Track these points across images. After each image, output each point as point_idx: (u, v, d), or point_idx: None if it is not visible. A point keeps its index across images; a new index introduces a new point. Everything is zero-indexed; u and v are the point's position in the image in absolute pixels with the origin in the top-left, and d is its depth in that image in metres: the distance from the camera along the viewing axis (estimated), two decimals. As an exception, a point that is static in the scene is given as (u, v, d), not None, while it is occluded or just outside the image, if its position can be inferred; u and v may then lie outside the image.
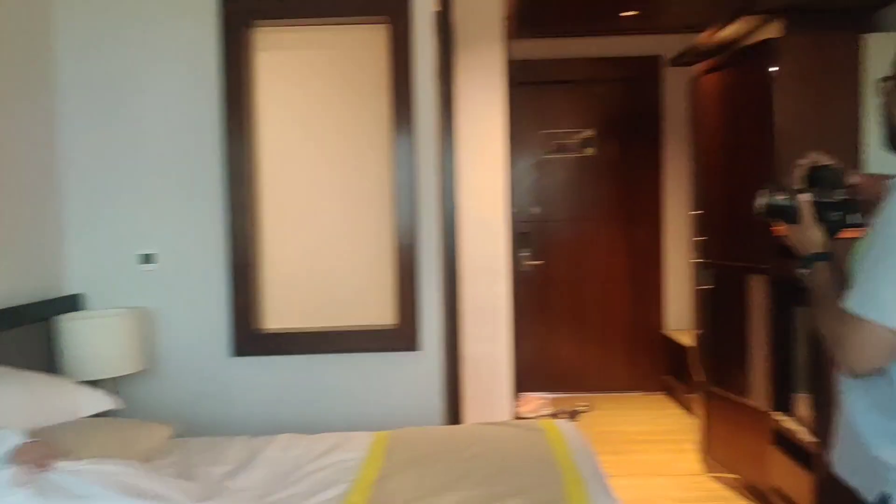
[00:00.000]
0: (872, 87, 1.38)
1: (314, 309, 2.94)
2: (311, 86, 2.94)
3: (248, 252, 2.81)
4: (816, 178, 1.47)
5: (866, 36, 3.03)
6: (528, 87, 5.29)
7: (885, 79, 1.36)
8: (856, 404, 1.37)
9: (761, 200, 1.47)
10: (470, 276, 3.54)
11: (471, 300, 3.54)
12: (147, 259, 2.82)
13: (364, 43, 2.91)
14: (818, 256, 1.42)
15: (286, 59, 2.94)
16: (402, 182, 2.82)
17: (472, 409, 3.31)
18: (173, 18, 2.79)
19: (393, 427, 2.40)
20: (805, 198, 1.44)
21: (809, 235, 1.43)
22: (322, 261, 2.93)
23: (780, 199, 1.45)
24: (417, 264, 2.84)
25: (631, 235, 5.42)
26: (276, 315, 2.91)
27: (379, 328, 2.88)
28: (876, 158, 2.85)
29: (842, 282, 1.38)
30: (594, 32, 5.21)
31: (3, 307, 2.32)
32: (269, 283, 2.92)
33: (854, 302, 1.26)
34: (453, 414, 2.91)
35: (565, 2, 4.41)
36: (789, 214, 1.45)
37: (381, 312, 2.92)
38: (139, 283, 2.81)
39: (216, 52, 2.78)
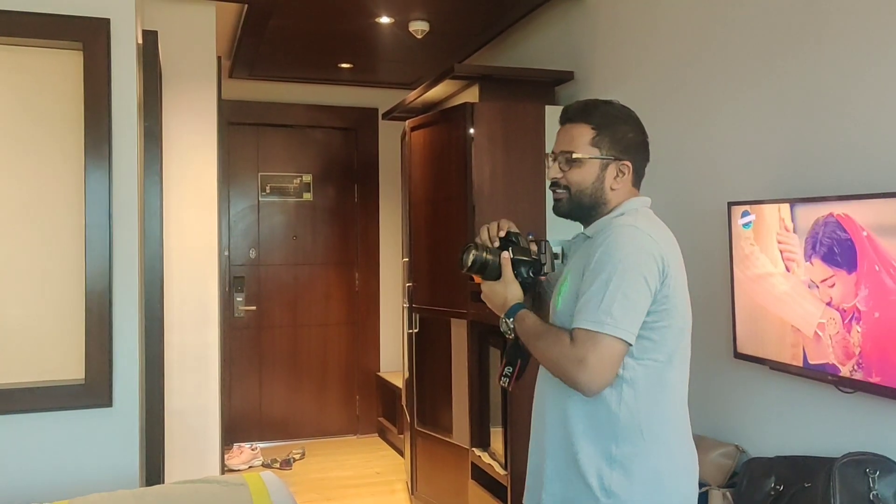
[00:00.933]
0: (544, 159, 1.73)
1: (-18, 364, 2.55)
2: (-13, 110, 2.59)
3: None
4: (507, 242, 1.70)
5: (548, 107, 3.46)
6: (245, 127, 5.22)
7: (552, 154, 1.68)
8: (575, 432, 1.55)
9: (468, 256, 1.66)
10: (177, 323, 3.35)
11: (178, 348, 3.34)
12: None
13: (56, 69, 2.65)
14: (519, 306, 1.62)
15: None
16: (95, 222, 2.58)
17: (178, 465, 3.09)
18: None
19: (81, 494, 2.14)
20: (506, 255, 1.66)
21: (511, 289, 1.64)
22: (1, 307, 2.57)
23: (485, 256, 1.65)
24: (111, 312, 2.60)
25: (349, 280, 5.53)
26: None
27: (64, 384, 2.58)
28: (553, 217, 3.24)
29: (544, 318, 1.62)
30: (314, 80, 5.30)
31: None
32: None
33: (590, 322, 1.45)
34: (154, 473, 2.69)
35: (283, 47, 4.43)
36: (492, 270, 1.66)
37: (67, 366, 2.61)
38: None
39: None
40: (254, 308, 5.16)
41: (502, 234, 1.70)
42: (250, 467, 4.49)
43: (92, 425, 2.57)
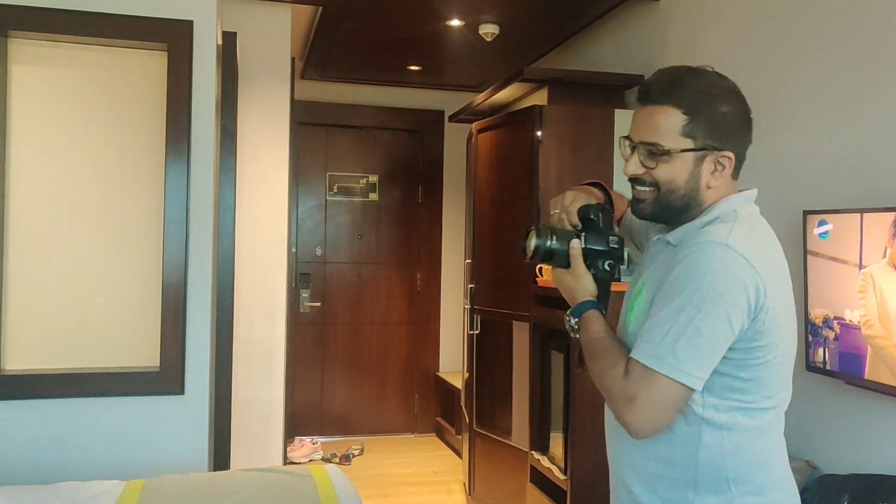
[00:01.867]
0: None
1: (67, 348, 2.67)
2: (79, 107, 2.72)
3: (-13, 284, 2.51)
4: (585, 222, 1.41)
5: (617, 111, 3.43)
6: (315, 128, 5.32)
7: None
8: (633, 475, 1.33)
9: (529, 243, 1.39)
10: (246, 316, 3.44)
11: (246, 342, 3.43)
12: None
13: (140, 68, 2.76)
14: (588, 305, 1.36)
15: (52, 77, 2.70)
16: (174, 216, 2.68)
17: (242, 454, 3.18)
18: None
19: (155, 475, 2.23)
20: (577, 244, 1.37)
21: (581, 283, 1.37)
22: (78, 296, 2.69)
23: (550, 243, 1.37)
24: (186, 303, 2.70)
25: (411, 280, 5.58)
26: (23, 356, 2.61)
27: (140, 371, 2.69)
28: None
29: (613, 333, 1.33)
30: (382, 82, 5.38)
31: None
32: (14, 322, 2.62)
33: (647, 356, 1.21)
34: (222, 460, 2.78)
35: (354, 50, 4.51)
36: (560, 259, 1.38)
37: (143, 354, 2.72)
38: None
39: (-38, 59, 2.49)
40: (318, 304, 5.26)
41: (573, 208, 1.43)
42: (310, 461, 4.58)
43: (165, 411, 2.67)
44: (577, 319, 1.36)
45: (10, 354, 2.60)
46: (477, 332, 3.85)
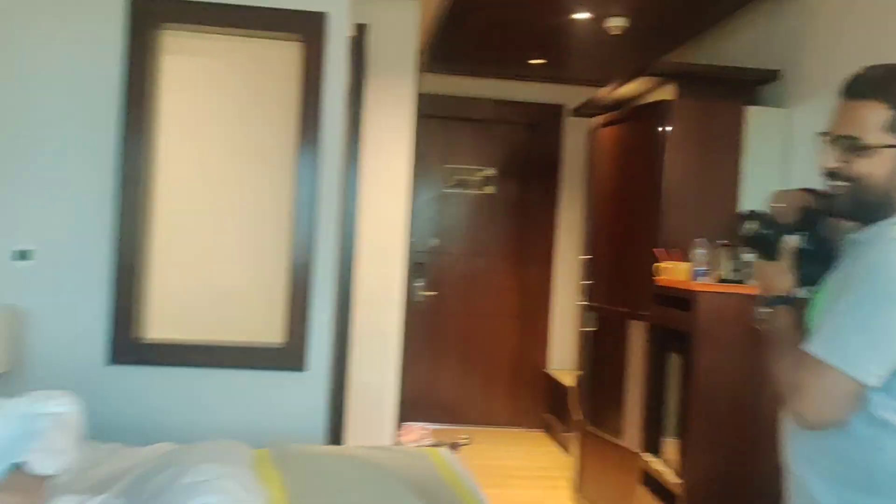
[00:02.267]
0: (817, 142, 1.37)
1: (200, 321, 2.85)
2: (220, 94, 2.89)
3: (134, 256, 2.71)
4: (807, 222, 1.40)
5: (749, 108, 3.29)
6: (435, 120, 5.40)
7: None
8: (808, 469, 1.31)
9: (751, 226, 1.41)
10: (363, 301, 3.54)
11: (362, 325, 3.54)
12: (23, 255, 2.66)
13: (276, 58, 2.90)
14: (783, 300, 1.37)
15: (196, 66, 2.88)
16: (303, 200, 2.81)
17: (356, 434, 3.28)
18: (77, 12, 2.69)
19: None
20: (792, 240, 1.38)
21: (781, 277, 1.38)
22: (212, 272, 2.86)
23: (768, 231, 1.39)
24: (311, 284, 2.82)
25: (523, 274, 5.57)
26: (159, 324, 2.81)
27: (266, 346, 2.83)
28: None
29: (802, 329, 1.33)
30: (502, 76, 5.38)
31: None
32: (154, 291, 2.81)
33: (820, 347, 1.22)
34: (336, 438, 2.88)
35: (478, 43, 4.54)
36: (770, 249, 1.39)
37: (269, 330, 2.86)
38: (12, 279, 2.65)
39: (120, 50, 2.69)
40: (432, 293, 5.35)
41: (796, 205, 1.40)
42: (419, 446, 4.67)
43: (287, 386, 2.80)
44: (769, 311, 1.37)
45: (151, 324, 2.80)
46: (591, 329, 3.80)
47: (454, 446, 4.75)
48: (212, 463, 1.58)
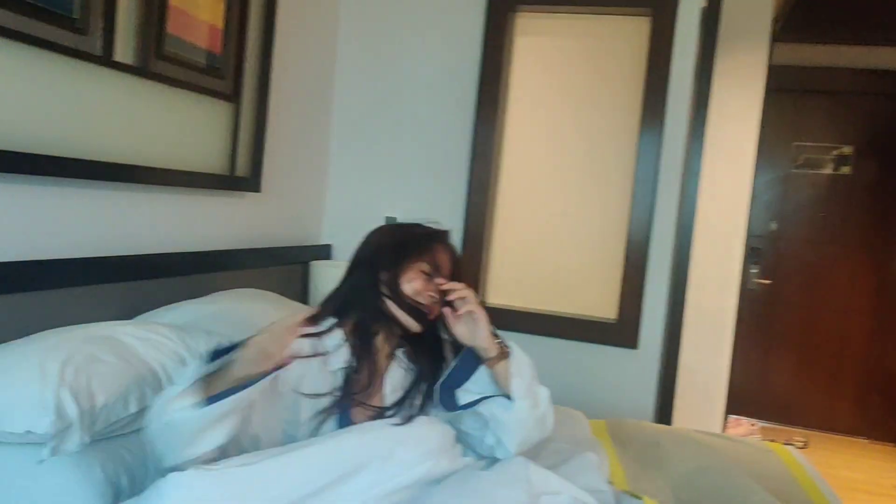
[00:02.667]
0: None
1: (536, 291, 2.99)
2: (565, 72, 2.97)
3: (481, 228, 2.92)
4: None
5: None
6: (783, 94, 4.96)
7: None
8: None
9: None
10: (697, 283, 3.41)
11: (695, 309, 3.41)
12: (391, 222, 3.03)
13: (622, 34, 2.89)
14: None
15: (543, 45, 3.00)
16: (643, 177, 2.78)
17: (682, 419, 3.20)
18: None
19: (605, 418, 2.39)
20: None
21: None
22: (552, 244, 2.98)
23: None
24: (647, 262, 2.79)
25: (881, 266, 4.90)
26: (500, 292, 3.00)
27: (599, 320, 2.88)
28: None
29: None
30: (865, 41, 4.73)
31: (277, 246, 2.67)
32: (496, 260, 3.02)
33: None
34: (664, 419, 2.84)
35: (843, 5, 4.05)
36: None
37: (602, 305, 2.91)
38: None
39: (480, 34, 2.90)
40: (768, 282, 4.96)
41: None
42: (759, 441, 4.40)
43: (618, 362, 2.83)
44: None
45: (492, 290, 3.01)
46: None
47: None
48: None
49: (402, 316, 1.40)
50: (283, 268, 2.69)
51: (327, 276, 2.78)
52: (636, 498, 1.30)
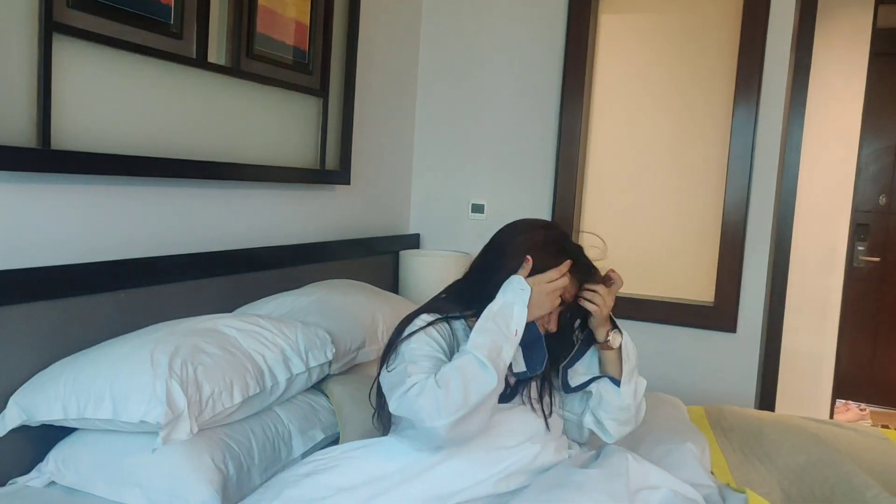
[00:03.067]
0: None
1: (630, 274, 2.90)
2: (652, 48, 2.88)
3: (570, 211, 2.88)
4: None
5: None
6: (890, 58, 4.64)
7: None
8: None
9: None
10: (799, 263, 3.26)
11: (798, 289, 3.26)
12: (477, 209, 3.02)
13: (713, 3, 2.78)
14: None
15: (629, 21, 2.91)
16: (738, 153, 2.67)
17: (786, 404, 3.07)
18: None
19: (699, 404, 2.32)
20: None
21: None
22: (641, 225, 2.91)
23: None
24: (744, 242, 2.68)
25: None
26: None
27: (695, 303, 2.79)
28: None
29: None
30: None
31: (367, 237, 2.72)
32: (586, 245, 2.96)
33: None
34: (766, 404, 2.74)
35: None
36: None
37: (698, 288, 2.82)
38: (467, 230, 3.03)
39: (563, 13, 2.84)
40: (876, 259, 4.68)
41: None
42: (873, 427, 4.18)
43: (715, 346, 2.73)
44: None
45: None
46: None
47: (902, 434, 4.15)
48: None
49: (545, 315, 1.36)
50: (373, 258, 2.73)
51: (416, 266, 2.80)
52: (740, 492, 1.25)
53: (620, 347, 1.40)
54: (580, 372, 1.44)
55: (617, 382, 1.39)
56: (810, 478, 1.52)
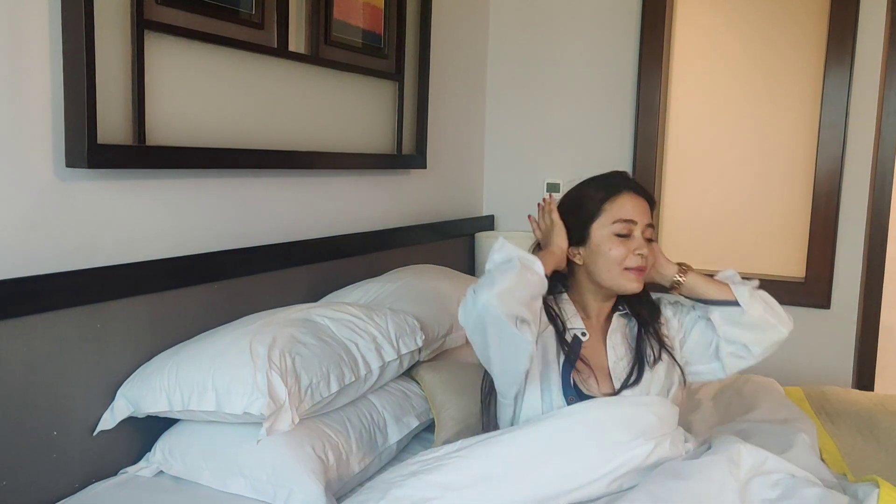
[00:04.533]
0: None
1: (716, 250, 2.83)
2: (734, 12, 2.75)
3: (651, 188, 2.78)
4: None
5: None
6: None
7: None
8: None
9: None
10: (896, 233, 3.09)
11: (895, 263, 3.09)
12: (553, 188, 2.97)
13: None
14: None
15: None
16: (830, 121, 2.54)
17: (885, 383, 2.94)
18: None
19: (791, 384, 2.23)
20: None
21: None
22: (727, 201, 2.80)
23: None
24: (838, 214, 2.56)
25: None
26: (676, 253, 2.85)
27: (785, 279, 2.68)
28: None
29: None
30: None
31: (443, 220, 2.70)
32: (669, 221, 2.88)
33: None
34: (865, 382, 2.62)
35: None
36: None
37: (788, 263, 2.71)
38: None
39: (639, -18, 2.75)
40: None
41: None
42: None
43: (808, 324, 2.62)
44: None
45: (667, 252, 2.86)
46: None
47: None
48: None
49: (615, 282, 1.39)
50: (449, 241, 2.71)
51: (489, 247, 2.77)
52: (868, 482, 1.18)
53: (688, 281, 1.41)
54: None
55: (723, 303, 1.38)
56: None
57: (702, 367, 1.45)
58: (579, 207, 1.43)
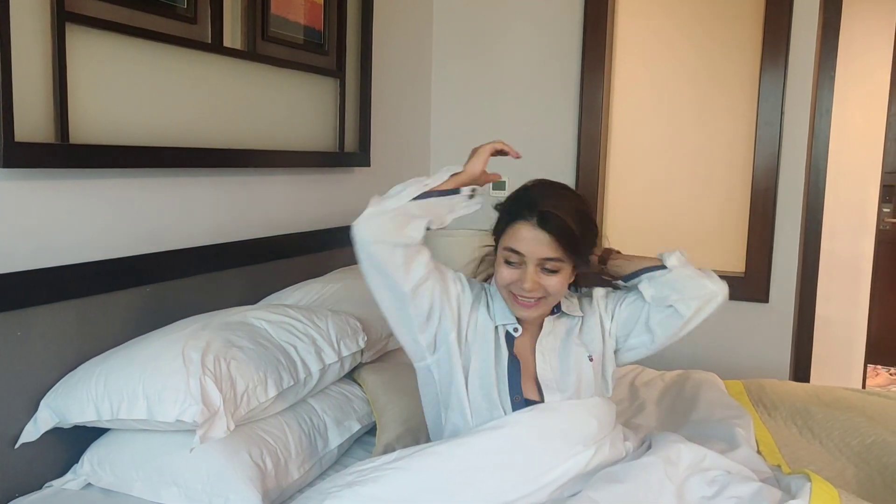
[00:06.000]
0: None
1: (658, 247, 2.85)
2: (674, 12, 2.79)
3: (594, 185, 2.81)
4: None
5: None
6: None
7: None
8: None
9: None
10: (830, 228, 3.19)
11: (828, 255, 3.19)
12: (499, 186, 2.96)
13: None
14: None
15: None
16: (767, 120, 2.59)
17: (819, 373, 3.02)
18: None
19: (733, 378, 2.27)
20: None
21: None
22: (668, 198, 2.84)
23: None
24: (775, 210, 2.62)
25: None
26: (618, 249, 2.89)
27: (725, 274, 2.71)
28: None
29: None
30: None
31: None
32: (611, 218, 2.91)
33: None
34: (801, 374, 2.69)
35: None
36: None
37: (728, 258, 2.76)
38: (490, 207, 2.96)
39: (581, -22, 2.76)
40: (902, 221, 4.59)
41: None
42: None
43: (748, 318, 2.68)
44: None
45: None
46: None
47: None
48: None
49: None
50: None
51: (440, 246, 2.75)
52: (800, 475, 1.20)
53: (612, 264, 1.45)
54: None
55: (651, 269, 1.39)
56: (868, 465, 1.47)
57: (634, 339, 1.42)
58: (502, 211, 1.39)
